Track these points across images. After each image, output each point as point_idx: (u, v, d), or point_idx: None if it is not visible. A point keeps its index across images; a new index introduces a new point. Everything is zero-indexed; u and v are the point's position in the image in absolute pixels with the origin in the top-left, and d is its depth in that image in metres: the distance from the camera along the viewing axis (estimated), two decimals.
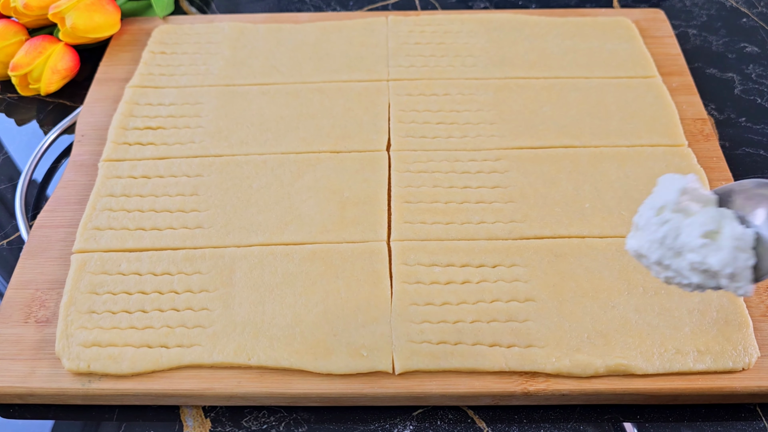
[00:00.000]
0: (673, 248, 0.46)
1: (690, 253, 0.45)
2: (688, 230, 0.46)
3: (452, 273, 0.59)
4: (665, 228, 0.46)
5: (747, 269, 0.45)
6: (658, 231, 0.47)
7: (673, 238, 0.46)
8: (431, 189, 0.65)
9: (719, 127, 0.75)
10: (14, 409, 0.55)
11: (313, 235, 0.61)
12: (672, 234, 0.46)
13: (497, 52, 0.78)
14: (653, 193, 0.49)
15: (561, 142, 0.69)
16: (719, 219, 0.46)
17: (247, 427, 0.54)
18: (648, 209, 0.48)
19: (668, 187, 0.47)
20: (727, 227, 0.45)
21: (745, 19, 0.89)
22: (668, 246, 0.46)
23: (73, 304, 0.57)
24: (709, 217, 0.46)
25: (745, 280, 0.45)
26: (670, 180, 0.48)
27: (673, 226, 0.46)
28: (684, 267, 0.46)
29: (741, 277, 0.45)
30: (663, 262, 0.47)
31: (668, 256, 0.47)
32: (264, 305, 0.57)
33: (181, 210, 0.64)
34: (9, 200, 0.71)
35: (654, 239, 0.47)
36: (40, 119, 0.78)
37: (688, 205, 0.47)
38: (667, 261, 0.47)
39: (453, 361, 0.53)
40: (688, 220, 0.46)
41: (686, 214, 0.47)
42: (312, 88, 0.74)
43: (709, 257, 0.45)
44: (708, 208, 0.47)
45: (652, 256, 0.47)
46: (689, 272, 0.46)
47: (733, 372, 0.53)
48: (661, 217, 0.47)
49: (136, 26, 0.84)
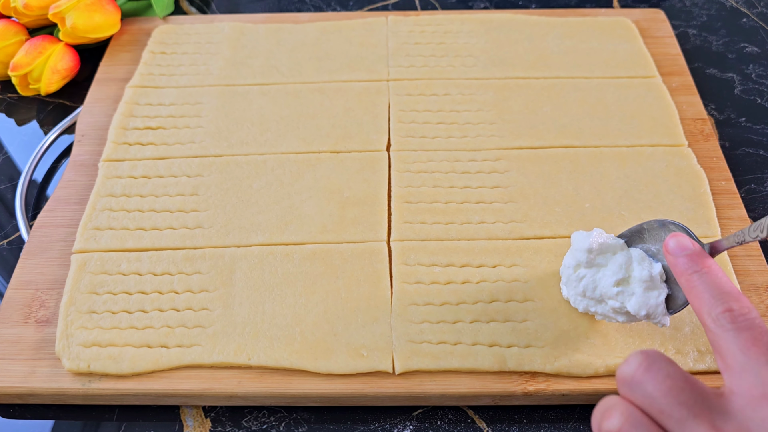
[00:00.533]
0: (594, 298, 0.53)
1: (610, 300, 0.52)
2: (603, 282, 0.52)
3: (452, 273, 0.59)
4: (583, 283, 0.53)
5: (660, 305, 0.51)
6: (578, 286, 0.53)
7: (591, 290, 0.53)
8: (431, 189, 0.65)
9: (719, 127, 0.75)
10: (14, 409, 0.55)
11: (313, 235, 0.61)
12: (590, 287, 0.53)
13: (497, 52, 0.78)
14: (569, 252, 0.55)
15: (561, 142, 0.69)
16: (627, 265, 0.52)
17: (247, 427, 0.54)
18: (566, 268, 0.55)
19: (579, 246, 0.53)
20: (635, 271, 0.51)
21: (745, 19, 0.89)
22: (590, 297, 0.53)
23: (73, 304, 0.57)
24: (618, 266, 0.52)
25: (661, 314, 0.51)
26: (580, 238, 0.54)
27: (589, 280, 0.53)
28: (609, 311, 0.53)
29: (656, 313, 0.51)
30: (590, 310, 0.54)
31: (592, 304, 0.53)
32: (264, 305, 0.57)
33: (181, 210, 0.64)
34: (9, 200, 0.71)
35: (577, 293, 0.54)
36: (40, 119, 0.78)
37: (598, 260, 0.53)
38: (593, 308, 0.53)
39: (453, 361, 0.53)
40: (600, 273, 0.52)
41: (599, 268, 0.53)
42: (312, 88, 0.74)
43: (625, 303, 0.51)
44: (617, 256, 0.52)
45: (579, 306, 0.54)
46: (614, 314, 0.53)
47: None
48: (578, 274, 0.54)
49: (136, 26, 0.84)
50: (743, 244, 0.46)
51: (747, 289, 0.58)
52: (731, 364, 0.38)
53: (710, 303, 0.41)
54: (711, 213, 0.62)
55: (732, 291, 0.41)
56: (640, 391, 0.38)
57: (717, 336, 0.39)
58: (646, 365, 0.38)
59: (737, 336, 0.38)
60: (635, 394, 0.38)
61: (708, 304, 0.41)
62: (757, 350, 0.37)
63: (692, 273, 0.43)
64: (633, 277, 0.51)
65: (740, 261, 0.60)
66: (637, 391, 0.38)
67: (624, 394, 0.39)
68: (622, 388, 0.39)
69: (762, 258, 0.61)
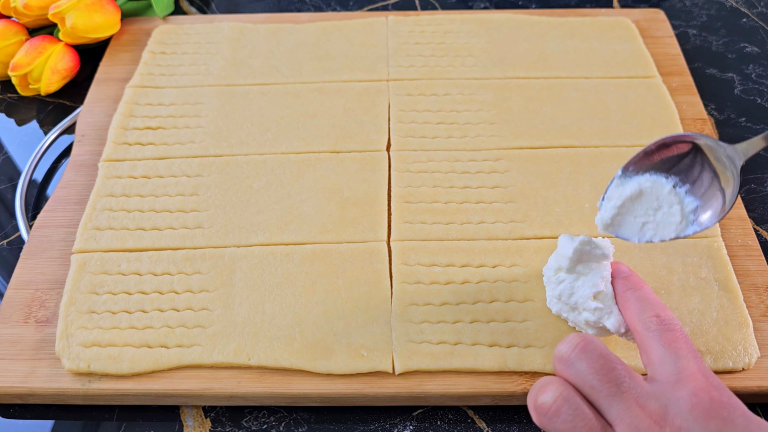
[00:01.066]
0: (569, 304, 0.53)
1: (585, 312, 0.52)
2: (580, 292, 0.52)
3: (452, 273, 0.59)
4: (561, 287, 0.53)
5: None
6: (556, 289, 0.53)
7: (567, 296, 0.52)
8: (431, 189, 0.65)
9: (719, 127, 0.75)
10: (14, 409, 0.55)
11: (313, 235, 0.61)
12: (566, 292, 0.52)
13: (497, 52, 0.78)
14: (554, 253, 0.54)
15: (561, 142, 0.69)
16: (608, 280, 0.52)
17: (247, 427, 0.54)
18: (548, 270, 0.55)
19: (564, 249, 0.53)
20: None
21: (745, 19, 0.89)
22: (564, 302, 0.53)
23: (73, 304, 0.57)
24: (599, 278, 0.51)
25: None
26: (566, 241, 0.53)
27: (567, 286, 0.52)
28: (580, 321, 0.53)
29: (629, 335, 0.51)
30: (562, 315, 0.54)
31: (566, 309, 0.53)
32: (264, 305, 0.57)
33: (181, 210, 0.64)
34: (9, 200, 0.71)
35: (553, 295, 0.54)
36: (40, 119, 0.78)
37: (579, 268, 0.52)
38: (565, 314, 0.54)
39: (453, 361, 0.53)
40: (579, 282, 0.52)
41: (579, 275, 0.52)
42: (312, 88, 0.74)
43: (603, 320, 0.51)
44: (600, 267, 0.52)
45: (553, 308, 0.54)
46: (585, 326, 0.53)
47: (733, 372, 0.53)
48: (558, 277, 0.53)
49: (136, 26, 0.84)
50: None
51: (747, 289, 0.58)
52: (653, 358, 0.44)
53: (640, 311, 0.47)
54: None
55: (659, 303, 0.48)
56: (574, 369, 0.43)
57: (644, 336, 0.46)
58: (582, 346, 0.43)
59: (661, 335, 0.45)
60: (569, 371, 0.43)
61: (638, 312, 0.47)
62: (676, 346, 0.44)
63: (626, 290, 0.50)
64: (611, 294, 0.51)
65: (740, 261, 0.60)
66: (571, 368, 0.43)
67: (559, 372, 0.44)
68: (558, 365, 0.44)
69: (762, 258, 0.61)
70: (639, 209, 0.51)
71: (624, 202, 0.51)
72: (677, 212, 0.50)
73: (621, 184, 0.51)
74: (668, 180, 0.50)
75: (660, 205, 0.50)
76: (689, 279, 0.58)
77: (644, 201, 0.51)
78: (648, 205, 0.51)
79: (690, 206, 0.50)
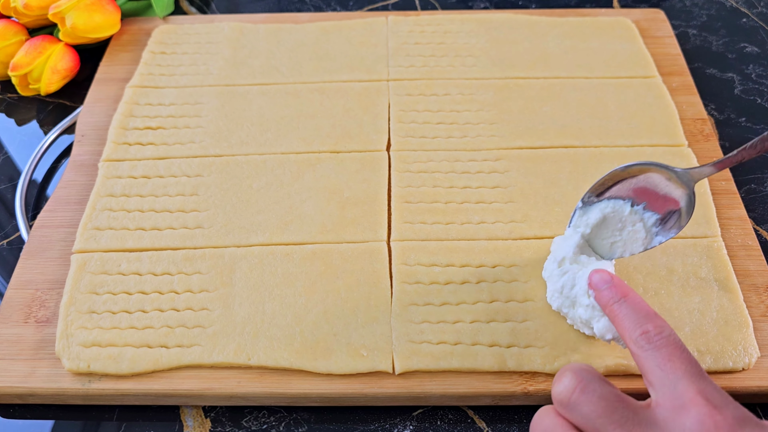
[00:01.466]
0: (570, 297, 0.52)
1: (580, 308, 0.52)
2: (581, 282, 0.52)
3: (452, 273, 0.59)
4: (564, 278, 0.53)
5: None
6: (559, 282, 0.53)
7: (569, 288, 0.52)
8: (431, 189, 0.65)
9: (719, 127, 0.75)
10: (14, 409, 0.55)
11: (313, 235, 0.61)
12: (569, 284, 0.52)
13: (497, 52, 0.78)
14: (551, 252, 0.55)
15: (561, 142, 0.69)
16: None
17: (247, 427, 0.54)
18: (550, 263, 0.55)
19: (565, 242, 0.54)
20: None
21: (745, 19, 0.89)
22: (566, 295, 0.53)
23: (73, 304, 0.57)
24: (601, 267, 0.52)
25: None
26: (565, 237, 0.55)
27: (570, 277, 0.52)
28: (577, 318, 0.52)
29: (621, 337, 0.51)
30: (563, 310, 0.53)
31: (566, 304, 0.53)
32: (264, 305, 0.57)
33: (181, 210, 0.64)
34: (9, 200, 0.71)
35: (555, 289, 0.54)
36: (40, 119, 0.78)
37: (583, 258, 0.53)
38: (565, 310, 0.53)
39: (453, 361, 0.53)
40: (581, 272, 0.52)
41: (581, 266, 0.53)
42: (312, 88, 0.74)
43: (593, 321, 0.51)
44: (602, 261, 0.53)
45: (554, 304, 0.54)
46: (581, 324, 0.52)
47: (733, 372, 0.53)
48: (562, 269, 0.53)
49: (136, 26, 0.84)
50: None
51: (747, 289, 0.58)
52: (652, 380, 0.42)
53: (630, 328, 0.45)
54: (711, 213, 0.62)
55: (648, 312, 0.45)
56: (577, 413, 0.42)
57: (638, 357, 0.44)
58: (582, 387, 0.42)
59: (655, 354, 0.43)
60: (573, 415, 0.42)
61: (629, 329, 0.45)
62: (672, 365, 0.42)
63: (613, 303, 0.47)
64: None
65: (740, 261, 0.60)
66: (574, 413, 0.42)
67: (561, 413, 0.43)
68: (560, 408, 0.43)
69: (762, 258, 0.61)
70: (605, 232, 0.54)
71: (591, 229, 0.54)
72: (641, 228, 0.53)
73: (584, 213, 0.55)
74: (626, 201, 0.54)
75: (624, 225, 0.54)
76: (689, 279, 0.58)
77: (608, 224, 0.54)
78: (613, 228, 0.54)
79: (650, 220, 0.53)
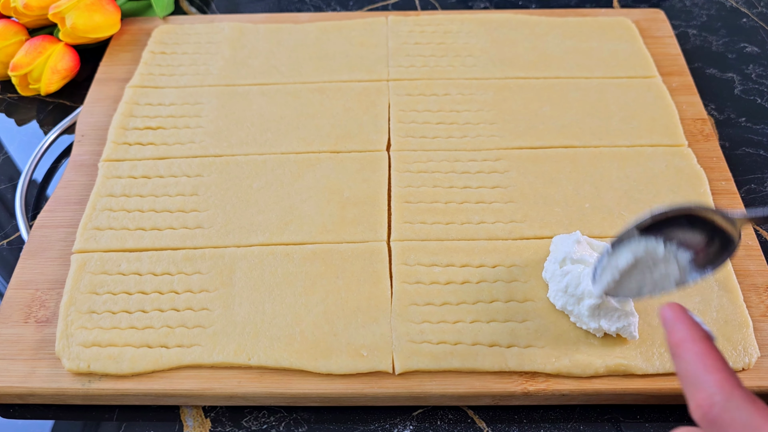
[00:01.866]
0: (575, 295, 0.53)
1: (588, 299, 0.52)
2: (587, 279, 0.52)
3: (452, 273, 0.59)
4: (567, 278, 0.53)
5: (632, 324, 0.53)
6: (562, 281, 0.53)
7: (575, 287, 0.53)
8: (431, 189, 0.65)
9: (719, 127, 0.75)
10: (14, 409, 0.55)
11: (313, 235, 0.61)
12: (573, 282, 0.53)
13: (497, 52, 0.78)
14: (551, 253, 0.56)
15: (561, 142, 0.69)
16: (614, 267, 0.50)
17: (247, 427, 0.54)
18: (551, 264, 0.55)
19: (564, 242, 0.55)
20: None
21: (745, 19, 0.89)
22: (570, 293, 0.53)
23: (73, 304, 0.57)
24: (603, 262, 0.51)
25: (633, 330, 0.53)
26: (563, 237, 0.56)
27: (574, 275, 0.53)
28: (583, 313, 0.52)
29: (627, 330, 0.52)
30: (567, 309, 0.54)
31: (571, 302, 0.53)
32: (264, 305, 0.57)
33: (181, 210, 0.64)
34: (9, 200, 0.71)
35: (559, 288, 0.54)
36: (40, 119, 0.78)
37: (584, 255, 0.53)
38: (569, 307, 0.54)
39: (453, 361, 0.53)
40: (586, 270, 0.52)
41: (584, 264, 0.53)
42: (312, 88, 0.74)
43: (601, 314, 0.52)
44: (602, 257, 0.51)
45: (557, 303, 0.54)
46: (587, 318, 0.53)
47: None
48: (564, 269, 0.54)
49: (136, 26, 0.84)
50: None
51: (747, 289, 0.58)
52: None
53: (692, 386, 0.40)
54: None
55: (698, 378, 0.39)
56: None
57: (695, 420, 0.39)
58: None
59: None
60: None
61: (689, 386, 0.40)
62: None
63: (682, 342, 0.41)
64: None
65: (740, 261, 0.60)
66: None
67: None
68: None
69: (762, 258, 0.61)
70: (636, 275, 0.49)
71: (621, 274, 0.49)
72: (674, 269, 0.48)
73: (613, 254, 0.50)
74: (658, 240, 0.48)
75: (656, 266, 0.48)
76: None
77: (640, 267, 0.49)
78: (644, 269, 0.49)
79: (684, 260, 0.47)
